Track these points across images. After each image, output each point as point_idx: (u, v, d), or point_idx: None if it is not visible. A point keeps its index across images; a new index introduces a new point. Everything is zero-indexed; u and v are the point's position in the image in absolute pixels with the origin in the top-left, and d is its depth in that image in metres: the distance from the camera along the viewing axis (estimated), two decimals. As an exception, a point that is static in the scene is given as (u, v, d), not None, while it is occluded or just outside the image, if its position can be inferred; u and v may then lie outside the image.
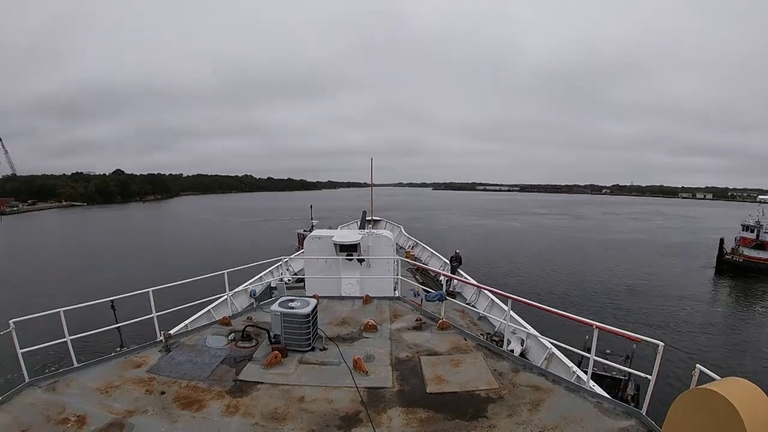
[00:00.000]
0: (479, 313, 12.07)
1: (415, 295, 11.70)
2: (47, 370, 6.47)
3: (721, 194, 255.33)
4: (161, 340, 7.07)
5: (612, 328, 6.58)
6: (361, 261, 11.63)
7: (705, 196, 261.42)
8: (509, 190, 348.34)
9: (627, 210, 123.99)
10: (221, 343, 7.17)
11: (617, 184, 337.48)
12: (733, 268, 36.23)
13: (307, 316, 6.78)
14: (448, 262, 19.62)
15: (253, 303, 12.35)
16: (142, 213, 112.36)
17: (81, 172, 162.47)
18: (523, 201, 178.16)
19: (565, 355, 8.63)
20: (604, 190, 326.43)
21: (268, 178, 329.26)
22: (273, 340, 6.88)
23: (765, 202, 37.51)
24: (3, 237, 68.55)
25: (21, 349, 5.96)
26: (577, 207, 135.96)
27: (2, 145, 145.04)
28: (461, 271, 18.00)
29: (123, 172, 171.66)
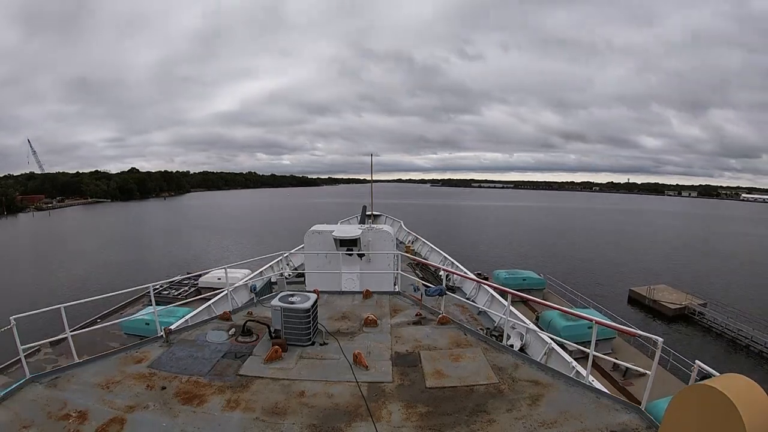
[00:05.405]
0: (479, 308, 12.10)
1: (415, 290, 11.73)
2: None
3: (707, 192, 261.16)
4: (162, 336, 7.09)
5: (611, 323, 6.60)
6: (361, 256, 11.64)
7: (690, 194, 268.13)
8: (503, 187, 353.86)
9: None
10: (222, 338, 7.19)
11: (611, 182, 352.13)
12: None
13: (308, 310, 6.80)
14: (448, 256, 19.64)
15: (253, 298, 12.38)
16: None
17: (99, 170, 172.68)
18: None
19: (564, 350, 8.67)
20: (594, 188, 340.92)
21: (272, 174, 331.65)
22: (273, 334, 6.90)
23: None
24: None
25: (22, 345, 5.98)
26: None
27: (30, 146, 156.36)
28: (460, 266, 18.03)
29: (138, 170, 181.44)
